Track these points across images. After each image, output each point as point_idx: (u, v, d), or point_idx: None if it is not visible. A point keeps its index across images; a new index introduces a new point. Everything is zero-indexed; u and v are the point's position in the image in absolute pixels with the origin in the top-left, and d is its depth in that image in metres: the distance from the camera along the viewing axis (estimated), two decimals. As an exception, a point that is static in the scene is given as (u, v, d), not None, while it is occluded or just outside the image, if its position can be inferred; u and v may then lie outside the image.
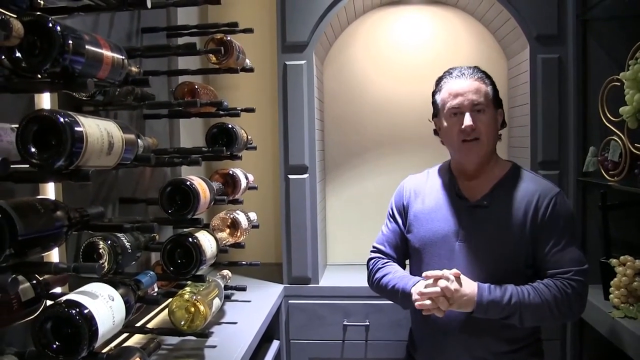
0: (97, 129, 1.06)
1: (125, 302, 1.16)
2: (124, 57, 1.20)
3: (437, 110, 1.88)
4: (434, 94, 1.89)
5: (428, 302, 1.65)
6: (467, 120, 1.74)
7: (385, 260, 1.94)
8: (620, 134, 2.10)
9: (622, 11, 2.27)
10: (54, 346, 1.01)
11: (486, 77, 1.84)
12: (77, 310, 1.01)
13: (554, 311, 1.64)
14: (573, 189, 2.40)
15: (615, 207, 2.23)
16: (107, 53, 1.12)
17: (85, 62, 1.04)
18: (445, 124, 1.83)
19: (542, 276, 1.72)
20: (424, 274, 1.72)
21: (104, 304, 1.08)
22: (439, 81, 1.88)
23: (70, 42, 0.97)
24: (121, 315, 1.13)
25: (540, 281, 1.69)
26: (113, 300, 1.11)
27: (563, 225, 1.73)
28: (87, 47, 1.04)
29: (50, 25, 0.95)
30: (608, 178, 2.18)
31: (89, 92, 1.04)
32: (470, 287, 1.66)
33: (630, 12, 2.24)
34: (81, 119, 1.03)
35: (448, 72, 1.86)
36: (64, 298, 1.05)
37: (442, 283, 1.65)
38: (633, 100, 1.88)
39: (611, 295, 2.05)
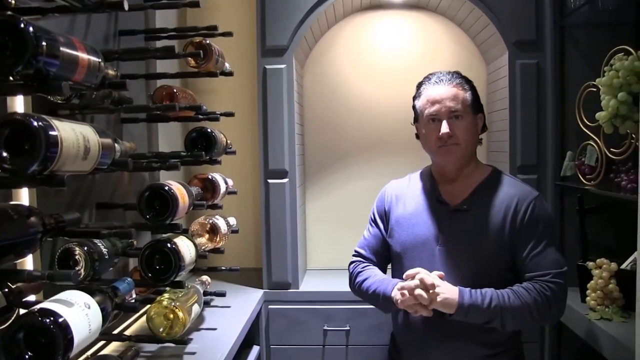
0: (72, 133, 1.04)
1: (102, 310, 1.14)
2: (100, 60, 1.18)
3: (417, 116, 1.88)
4: (414, 99, 1.89)
5: (408, 296, 1.66)
6: (444, 127, 1.75)
7: (365, 264, 1.94)
8: (597, 139, 2.12)
9: (598, 18, 2.30)
10: (27, 356, 0.98)
11: (466, 82, 1.84)
12: (52, 319, 0.99)
13: (534, 314, 1.65)
14: (551, 193, 2.42)
15: (592, 211, 2.26)
16: (82, 55, 1.10)
17: (60, 64, 1.02)
18: (423, 130, 1.84)
19: (522, 280, 1.72)
20: (404, 275, 1.72)
21: (79, 312, 1.05)
22: (418, 86, 1.89)
23: (44, 43, 0.95)
24: (97, 323, 1.10)
25: (520, 285, 1.70)
26: (89, 308, 1.09)
27: (542, 229, 1.74)
28: (61, 49, 1.02)
29: (22, 25, 0.93)
30: (585, 182, 2.20)
31: (64, 95, 1.02)
32: (451, 290, 1.66)
33: (606, 20, 2.28)
34: (56, 122, 1.01)
35: (427, 78, 1.87)
36: (37, 306, 1.02)
37: (419, 276, 1.66)
38: (609, 106, 1.89)
39: (588, 298, 2.07)
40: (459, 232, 1.78)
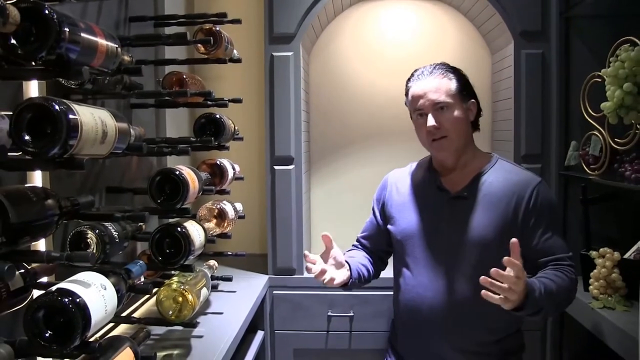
0: (91, 118, 1.06)
1: (117, 291, 1.16)
2: (117, 46, 1.20)
3: (410, 111, 1.91)
4: (405, 96, 1.91)
5: None
6: (430, 120, 1.76)
7: (351, 249, 2.02)
8: (601, 129, 2.14)
9: (603, 9, 2.31)
10: (46, 335, 1.00)
11: (451, 71, 1.83)
12: (70, 298, 1.01)
13: (568, 300, 1.70)
14: (555, 183, 2.44)
15: (596, 201, 2.27)
16: (101, 41, 1.12)
17: (80, 50, 1.03)
18: (414, 125, 1.86)
19: (531, 266, 1.69)
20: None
21: (96, 292, 1.07)
22: (406, 84, 1.90)
23: (67, 29, 0.97)
24: (113, 304, 1.13)
25: (549, 271, 1.67)
26: (105, 289, 1.11)
27: (549, 214, 1.76)
28: (82, 34, 1.04)
29: (47, 12, 0.94)
30: (589, 172, 2.22)
31: (84, 80, 1.03)
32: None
33: (611, 11, 2.29)
34: (76, 107, 1.02)
35: (412, 75, 1.88)
36: (56, 286, 1.05)
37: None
38: (614, 96, 1.91)
39: (591, 287, 2.09)
40: (459, 219, 1.80)
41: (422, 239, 1.82)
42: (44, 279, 1.27)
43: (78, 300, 1.02)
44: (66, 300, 1.00)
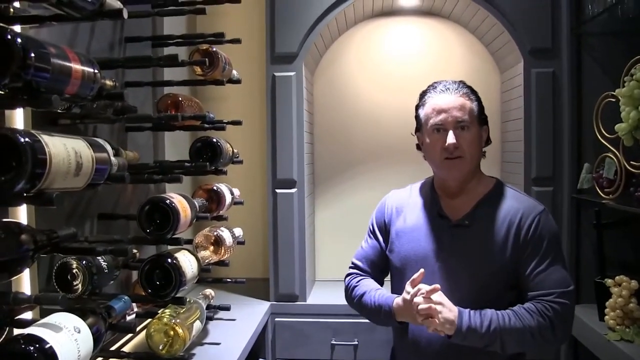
0: (63, 149, 0.99)
1: (94, 332, 1.09)
2: (95, 71, 1.13)
3: (419, 125, 1.81)
4: (417, 107, 1.82)
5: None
6: (451, 138, 1.68)
7: (361, 277, 1.88)
8: (616, 151, 2.05)
9: (615, 27, 2.22)
10: (11, 384, 0.93)
11: (472, 92, 1.77)
12: (37, 346, 0.94)
13: (536, 336, 1.58)
14: (567, 206, 2.35)
15: (610, 226, 2.19)
16: (76, 67, 1.05)
17: (51, 77, 0.97)
18: (427, 139, 1.76)
19: (525, 298, 1.65)
20: (408, 282, 1.65)
21: (68, 337, 1.00)
22: (422, 95, 1.81)
23: (33, 55, 0.90)
24: (88, 347, 1.05)
25: (522, 305, 1.62)
26: (79, 332, 1.04)
27: (546, 245, 1.67)
28: (52, 60, 0.97)
29: (9, 37, 0.88)
30: (603, 196, 2.13)
31: (55, 109, 0.97)
32: (452, 311, 1.59)
33: (624, 28, 2.20)
34: (45, 138, 0.96)
35: (432, 87, 1.79)
36: (25, 331, 0.98)
37: (419, 299, 1.60)
38: (629, 117, 1.83)
39: (606, 317, 1.99)
40: (459, 248, 1.72)
41: (421, 267, 1.73)
42: (29, 314, 1.22)
43: (46, 346, 0.95)
44: (31, 348, 0.93)
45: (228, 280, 2.26)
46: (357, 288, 1.86)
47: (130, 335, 1.95)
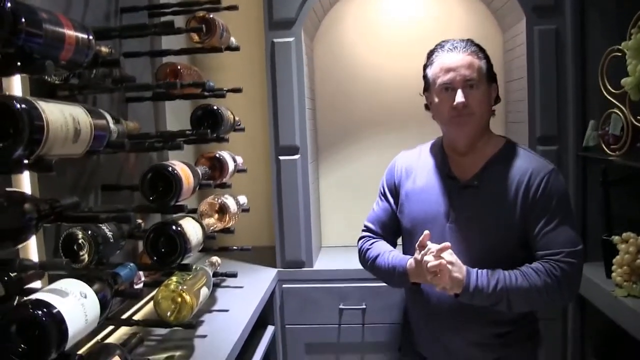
0: (60, 115, 0.98)
1: (101, 299, 1.09)
2: (89, 37, 1.12)
3: (428, 85, 1.80)
4: (425, 67, 1.81)
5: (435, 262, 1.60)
6: (459, 96, 1.67)
7: (374, 240, 1.89)
8: (622, 107, 2.02)
9: (621, -21, 2.18)
10: (20, 350, 0.93)
11: (480, 50, 1.76)
12: (45, 310, 0.94)
13: (543, 296, 1.58)
14: (573, 165, 2.33)
15: (617, 183, 2.17)
16: (69, 32, 1.04)
17: (44, 42, 0.96)
18: (436, 99, 1.75)
19: (534, 258, 1.66)
20: (417, 243, 1.67)
21: (75, 301, 1.01)
22: (430, 54, 1.80)
23: (24, 20, 0.89)
24: (95, 312, 1.06)
25: (530, 265, 1.63)
26: (86, 297, 1.04)
27: (555, 204, 1.66)
28: (45, 25, 0.95)
29: (-1, 2, 0.87)
30: (609, 153, 2.11)
31: (49, 74, 0.96)
32: (461, 270, 1.60)
33: (630, -20, 2.16)
34: (42, 104, 0.95)
35: (440, 45, 1.78)
36: (32, 297, 0.98)
37: (429, 257, 1.61)
38: (636, 70, 1.80)
39: (613, 274, 1.99)
40: (469, 208, 1.72)
41: (431, 228, 1.74)
42: (38, 284, 1.22)
43: (54, 311, 0.96)
44: (39, 312, 0.94)
45: (234, 248, 2.26)
46: (370, 251, 1.87)
47: (140, 304, 1.97)
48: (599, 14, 2.28)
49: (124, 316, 1.82)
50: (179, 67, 1.89)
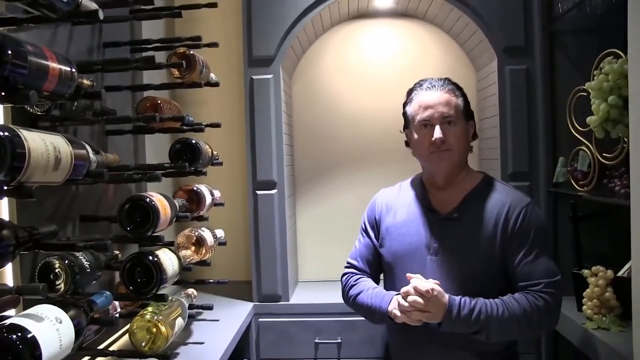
0: (42, 144, 1.01)
1: (75, 325, 1.10)
2: (72, 70, 1.15)
3: (407, 122, 1.86)
4: (404, 105, 1.87)
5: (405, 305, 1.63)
6: (437, 132, 1.73)
7: (358, 276, 1.91)
8: (589, 144, 2.09)
9: (585, 23, 2.27)
10: (-6, 373, 0.94)
11: (457, 88, 1.83)
12: (19, 334, 0.95)
13: (522, 325, 1.61)
14: (544, 200, 2.40)
15: (586, 218, 2.22)
16: (53, 65, 1.08)
17: (28, 73, 0.99)
18: (415, 135, 1.81)
19: (515, 289, 1.69)
20: (407, 275, 1.69)
21: (50, 327, 1.02)
22: (409, 92, 1.86)
23: (10, 52, 0.92)
24: (69, 338, 1.07)
25: (512, 295, 1.66)
26: (61, 322, 1.05)
27: (533, 236, 1.71)
28: (30, 57, 0.99)
29: (-14, 34, 0.90)
30: (578, 188, 2.17)
31: (32, 104, 0.98)
32: (441, 300, 1.63)
33: (594, 24, 2.25)
34: (24, 132, 0.98)
35: (419, 84, 1.85)
36: (7, 322, 0.99)
37: (413, 283, 1.64)
38: (599, 110, 1.87)
39: (584, 307, 2.02)
40: (449, 240, 1.75)
41: (413, 261, 1.77)
42: (12, 312, 1.22)
43: (28, 335, 0.97)
44: (14, 336, 0.95)
45: (211, 280, 2.27)
46: (353, 287, 1.88)
47: (115, 336, 1.95)
48: (567, 55, 2.37)
49: (100, 347, 1.81)
50: (159, 102, 1.93)
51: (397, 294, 1.72)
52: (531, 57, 2.44)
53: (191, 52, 1.97)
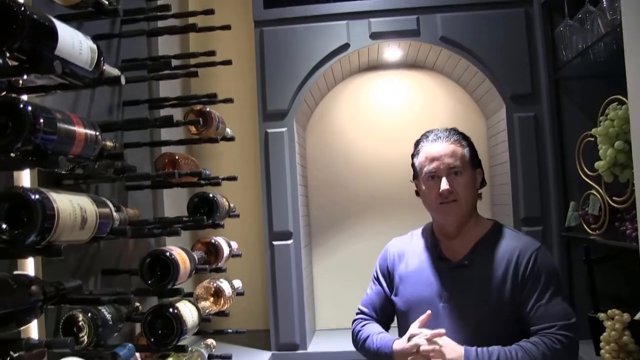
0: (69, 205, 1.07)
1: (101, 378, 1.14)
2: (97, 133, 1.22)
3: (416, 173, 1.89)
4: (412, 156, 1.90)
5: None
6: (444, 184, 1.76)
7: (366, 322, 1.92)
8: (598, 188, 2.13)
9: (591, 70, 2.34)
10: None
11: (463, 138, 1.85)
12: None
13: None
14: (557, 244, 2.41)
15: (600, 261, 2.23)
16: (79, 130, 1.14)
17: (57, 139, 1.06)
18: (423, 187, 1.84)
19: (529, 334, 1.68)
20: (409, 332, 1.70)
21: (76, 380, 1.06)
22: (416, 144, 1.90)
23: (42, 121, 0.99)
24: (95, 391, 1.11)
25: (528, 340, 1.66)
26: (87, 376, 1.09)
27: (545, 280, 1.71)
28: (59, 125, 1.06)
29: (21, 106, 0.97)
30: (590, 232, 2.19)
31: (62, 169, 1.05)
32: (456, 350, 1.63)
33: (598, 71, 2.31)
34: (53, 195, 1.04)
35: (425, 136, 1.88)
36: (35, 376, 1.03)
37: (419, 340, 1.65)
38: (606, 155, 1.91)
39: (602, 351, 2.01)
40: (461, 288, 1.76)
41: (425, 309, 1.78)
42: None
43: (57, 390, 1.01)
44: (44, 391, 0.99)
45: (229, 330, 2.29)
46: (361, 332, 1.90)
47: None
48: (574, 101, 2.44)
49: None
50: (176, 157, 1.99)
51: (397, 339, 1.74)
52: (539, 104, 2.49)
53: (207, 109, 2.04)
